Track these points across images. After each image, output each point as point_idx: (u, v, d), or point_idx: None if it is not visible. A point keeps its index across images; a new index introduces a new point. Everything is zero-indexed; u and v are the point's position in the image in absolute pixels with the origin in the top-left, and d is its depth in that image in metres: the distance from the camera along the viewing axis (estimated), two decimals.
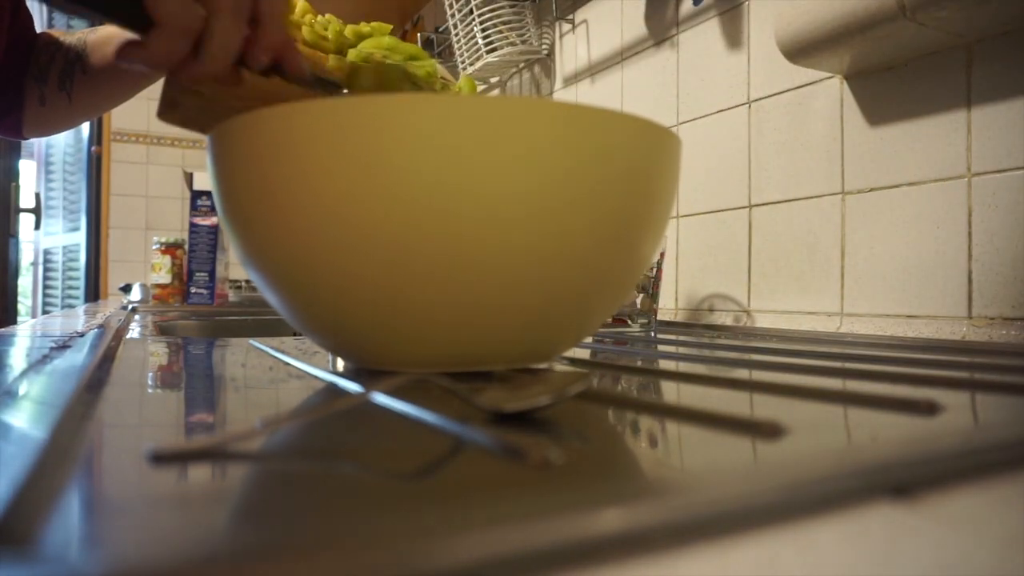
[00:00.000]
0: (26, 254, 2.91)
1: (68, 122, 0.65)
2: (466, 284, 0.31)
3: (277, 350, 0.49)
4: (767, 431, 0.23)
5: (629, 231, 0.34)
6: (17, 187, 2.51)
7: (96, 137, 2.58)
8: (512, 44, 1.19)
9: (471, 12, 1.20)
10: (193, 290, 1.41)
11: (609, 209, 0.32)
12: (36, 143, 3.06)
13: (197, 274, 1.41)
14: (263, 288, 0.36)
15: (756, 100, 0.83)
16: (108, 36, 0.61)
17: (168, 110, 0.42)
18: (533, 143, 0.30)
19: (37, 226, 2.72)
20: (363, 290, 0.32)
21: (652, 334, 0.74)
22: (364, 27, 0.51)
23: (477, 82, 1.41)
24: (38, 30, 0.63)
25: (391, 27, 0.51)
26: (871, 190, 0.70)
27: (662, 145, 0.34)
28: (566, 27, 1.20)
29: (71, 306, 2.66)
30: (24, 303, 3.27)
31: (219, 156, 0.34)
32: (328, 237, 0.31)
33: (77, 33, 0.63)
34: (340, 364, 0.42)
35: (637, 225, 0.34)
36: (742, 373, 0.41)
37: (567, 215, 0.31)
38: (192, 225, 1.41)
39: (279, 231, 0.32)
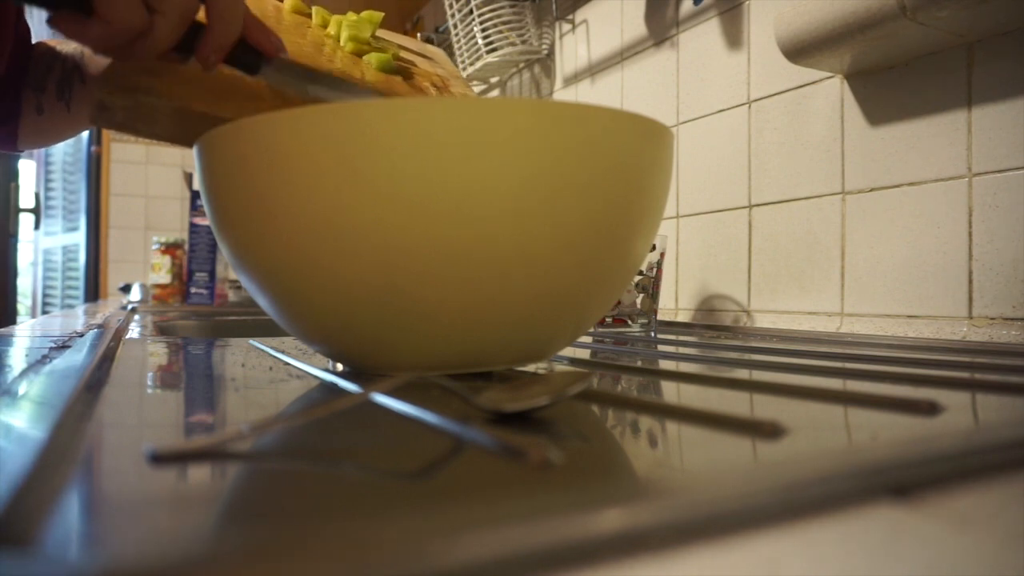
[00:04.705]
0: (26, 254, 2.91)
1: (65, 132, 0.64)
2: (458, 285, 0.31)
3: (277, 350, 0.49)
4: (767, 431, 0.23)
5: (621, 225, 0.34)
6: (17, 187, 2.51)
7: (96, 137, 2.57)
8: (512, 44, 1.19)
9: (471, 12, 1.20)
10: (193, 290, 1.41)
11: (599, 204, 0.32)
12: None
13: (197, 274, 1.41)
14: (258, 296, 0.36)
15: (756, 100, 0.83)
16: None
17: (98, 112, 0.42)
18: (516, 142, 0.30)
19: (37, 226, 2.72)
20: (357, 296, 0.32)
21: (652, 334, 0.74)
22: (351, 16, 0.50)
23: (477, 82, 1.41)
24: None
25: (382, 15, 0.50)
26: (871, 190, 0.70)
27: (650, 138, 0.34)
28: (566, 27, 1.20)
29: (71, 306, 2.65)
30: (24, 303, 3.27)
31: (208, 165, 0.34)
32: (320, 243, 0.31)
33: (73, 43, 0.62)
34: (340, 364, 0.42)
35: (629, 218, 0.34)
36: (742, 373, 0.41)
37: (556, 212, 0.31)
38: (192, 225, 1.41)
39: (272, 239, 0.32)
